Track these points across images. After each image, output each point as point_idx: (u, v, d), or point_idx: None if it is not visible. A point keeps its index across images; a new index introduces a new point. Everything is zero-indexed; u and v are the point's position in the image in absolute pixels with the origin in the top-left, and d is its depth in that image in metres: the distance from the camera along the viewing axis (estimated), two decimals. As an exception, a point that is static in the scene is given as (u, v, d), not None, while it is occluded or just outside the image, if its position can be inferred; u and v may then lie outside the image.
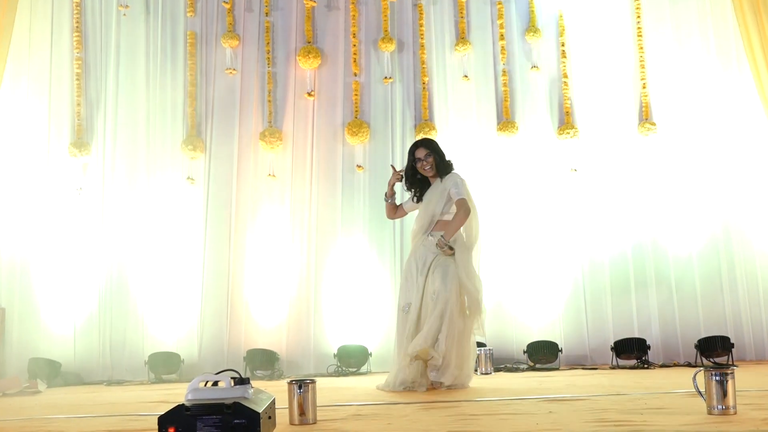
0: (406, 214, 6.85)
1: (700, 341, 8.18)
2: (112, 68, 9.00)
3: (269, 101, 9.02)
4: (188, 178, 8.84)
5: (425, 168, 6.33)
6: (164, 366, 8.25)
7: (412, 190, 6.53)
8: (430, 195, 6.35)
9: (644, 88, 9.00)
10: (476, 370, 7.71)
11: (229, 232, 8.77)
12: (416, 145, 6.46)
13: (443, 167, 6.36)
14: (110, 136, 8.89)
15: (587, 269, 8.78)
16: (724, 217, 8.78)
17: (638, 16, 9.12)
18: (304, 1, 9.11)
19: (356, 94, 9.05)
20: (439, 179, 6.36)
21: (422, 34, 9.15)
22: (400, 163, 8.86)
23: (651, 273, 8.73)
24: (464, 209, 6.17)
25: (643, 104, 8.98)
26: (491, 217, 8.59)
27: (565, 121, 8.97)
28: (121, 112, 8.95)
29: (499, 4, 9.20)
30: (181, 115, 8.98)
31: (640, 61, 9.04)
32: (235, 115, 8.98)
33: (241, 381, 3.75)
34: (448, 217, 6.27)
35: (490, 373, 7.67)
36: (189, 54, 9.02)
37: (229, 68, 9.03)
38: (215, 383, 3.77)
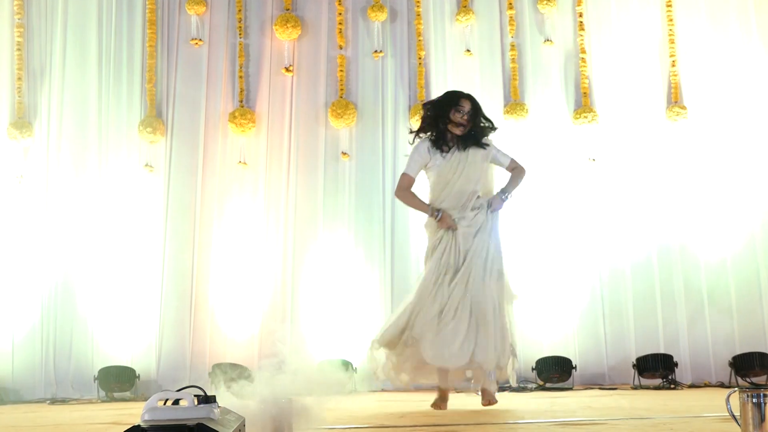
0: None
1: (735, 358, 8.22)
2: (59, 36, 8.98)
3: (240, 77, 9.01)
4: (146, 165, 8.82)
5: (462, 123, 6.20)
6: (117, 382, 8.23)
7: (432, 140, 6.30)
8: (461, 157, 6.23)
9: (673, 66, 9.02)
10: (477, 390, 7.73)
11: (193, 229, 8.77)
12: (462, 95, 6.35)
13: (480, 131, 6.30)
14: (56, 116, 8.87)
15: (606, 276, 8.79)
16: (762, 216, 8.80)
17: (667, -16, 9.16)
18: (283, -38, 9.13)
19: (341, 70, 9.05)
20: (465, 142, 6.24)
21: (418, 2, 9.16)
22: (393, 152, 8.87)
23: (679, 280, 8.74)
24: (523, 169, 6.43)
25: (672, 85, 9.00)
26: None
27: (583, 104, 8.98)
28: (68, 88, 8.94)
29: (508, -33, 9.23)
30: (139, 92, 8.97)
31: (669, 35, 9.06)
32: (200, 93, 8.98)
33: (206, 399, 3.75)
34: (482, 189, 6.31)
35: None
36: (148, 22, 9.00)
37: (195, 38, 9.01)
38: (176, 402, 3.76)
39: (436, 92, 9.01)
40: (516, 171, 6.37)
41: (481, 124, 6.29)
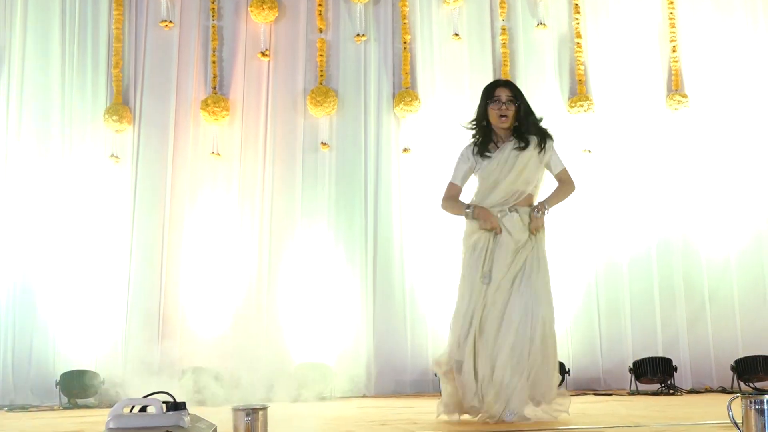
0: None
1: (737, 362, 8.24)
2: (19, 16, 8.92)
3: (213, 62, 9.00)
4: (112, 155, 8.80)
5: (503, 113, 5.81)
6: (80, 388, 8.20)
7: (477, 143, 5.96)
8: (509, 157, 5.80)
9: (674, 52, 9.05)
10: (465, 396, 7.75)
11: (162, 224, 8.74)
12: (497, 84, 6.05)
13: (528, 123, 5.89)
14: (15, 104, 8.83)
15: (602, 273, 8.82)
16: (769, 212, 8.87)
17: (668, -36, 9.19)
18: (258, -61, 9.11)
19: (321, 55, 9.05)
20: (515, 140, 5.84)
21: (403, -18, 9.18)
22: (375, 142, 8.87)
23: (679, 278, 8.79)
24: (572, 185, 6.01)
25: (673, 72, 9.04)
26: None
27: (578, 92, 9.01)
28: (29, 74, 8.89)
29: (499, -54, 9.24)
30: (104, 77, 8.94)
31: (670, 18, 9.09)
32: (171, 79, 8.96)
33: (176, 406, 3.75)
34: (532, 191, 5.87)
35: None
36: (115, 2, 8.97)
37: (165, 20, 8.99)
38: (143, 408, 3.77)
39: (421, 79, 9.04)
40: (563, 185, 5.97)
41: (529, 117, 5.87)
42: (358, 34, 9.07)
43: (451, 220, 8.58)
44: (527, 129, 5.87)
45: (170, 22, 9.00)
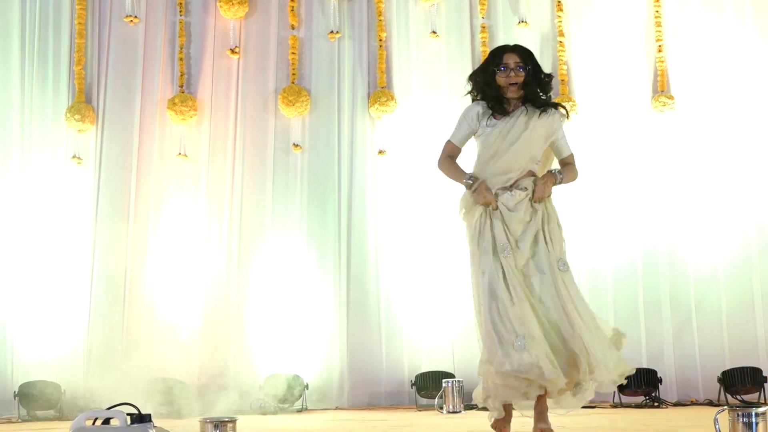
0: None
1: (724, 374, 8.31)
2: (-23, 12, 8.94)
3: (180, 60, 9.00)
4: (74, 156, 8.79)
5: (512, 81, 5.45)
6: (40, 399, 8.18)
7: (483, 108, 5.55)
8: (517, 124, 5.47)
9: (660, 52, 9.10)
10: (442, 408, 7.78)
11: (126, 229, 8.73)
12: (503, 50, 5.60)
13: (542, 88, 5.57)
14: (-28, 101, 8.83)
15: (585, 282, 8.83)
16: (759, 221, 8.92)
17: (653, -39, 9.25)
18: (228, -68, 9.12)
19: (293, 53, 9.06)
20: (526, 108, 5.49)
21: (379, -22, 9.21)
22: (349, 144, 8.90)
23: (665, 287, 8.84)
24: (577, 171, 5.63)
25: (659, 73, 9.09)
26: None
27: (560, 92, 9.04)
28: (-13, 70, 8.89)
29: (478, -60, 9.28)
30: (66, 75, 8.93)
31: (656, 17, 9.14)
32: (136, 77, 8.95)
33: (140, 418, 3.76)
34: (536, 168, 5.52)
35: (460, 411, 7.73)
36: (77, -4, 8.98)
37: (130, 16, 8.98)
38: (106, 421, 3.78)
39: (397, 79, 9.04)
40: (570, 168, 5.60)
41: (544, 79, 5.54)
42: (331, 32, 9.08)
43: (429, 224, 8.65)
44: (537, 95, 5.54)
45: (135, 17, 8.99)
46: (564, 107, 5.58)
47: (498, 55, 5.51)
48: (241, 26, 9.11)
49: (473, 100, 5.55)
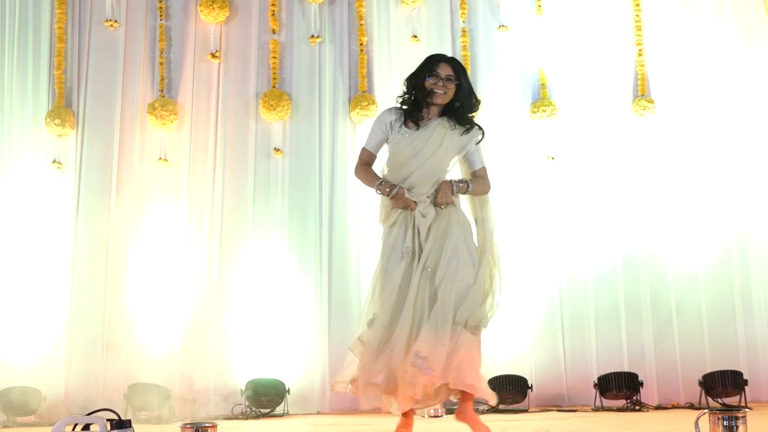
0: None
1: (705, 377, 8.35)
2: (-45, 16, 8.91)
3: (161, 64, 8.98)
4: (54, 161, 8.76)
5: (439, 90, 5.45)
6: (19, 405, 8.14)
7: (403, 110, 5.60)
8: (432, 137, 5.49)
9: (640, 56, 9.13)
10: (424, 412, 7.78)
11: (107, 234, 8.70)
12: (440, 59, 5.59)
13: (465, 106, 5.57)
14: (-49, 106, 8.80)
15: (566, 286, 8.87)
16: (739, 224, 8.97)
17: (634, -35, 9.27)
18: (209, -64, 9.11)
19: (274, 57, 9.06)
20: (446, 120, 5.52)
21: (360, -18, 9.21)
22: (330, 148, 8.90)
23: (646, 292, 8.86)
24: (488, 184, 5.61)
25: (639, 76, 9.12)
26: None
27: (541, 96, 9.07)
28: (-34, 75, 8.86)
29: (459, -55, 9.28)
30: (46, 79, 8.90)
31: (636, 22, 9.18)
32: (116, 82, 8.93)
33: (120, 424, 3.75)
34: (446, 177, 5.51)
35: (441, 415, 7.73)
36: (57, 0, 8.93)
37: (110, 20, 8.96)
38: (86, 427, 3.76)
39: (378, 83, 9.05)
40: (479, 180, 5.59)
41: (471, 99, 5.57)
42: (312, 36, 9.08)
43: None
44: (461, 113, 5.56)
45: (115, 21, 8.97)
46: (481, 128, 5.61)
47: (433, 62, 5.54)
48: (221, 30, 9.10)
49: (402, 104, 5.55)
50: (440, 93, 5.43)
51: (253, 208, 8.86)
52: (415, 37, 9.11)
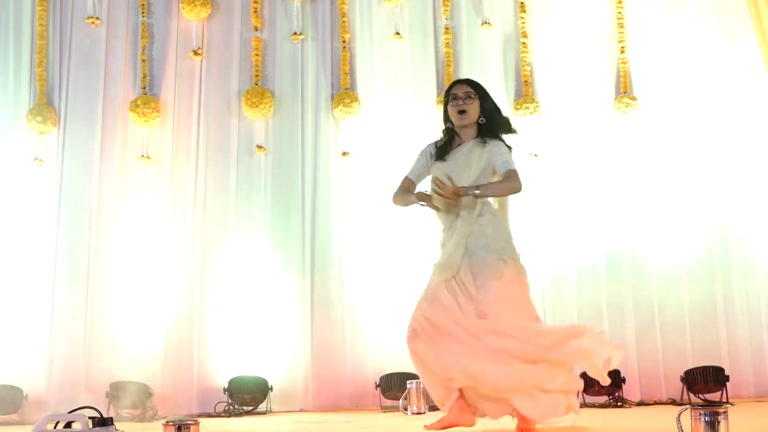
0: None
1: (687, 373, 8.39)
2: (-65, 13, 8.87)
3: (143, 61, 8.96)
4: (36, 158, 8.73)
5: (461, 108, 5.68)
6: (1, 403, 8.12)
7: (438, 145, 5.85)
8: (461, 159, 5.70)
9: (623, 53, 9.15)
10: (406, 409, 7.78)
11: (89, 231, 8.68)
12: (455, 82, 5.94)
13: (492, 123, 5.77)
14: (-69, 104, 8.76)
15: (548, 283, 8.88)
16: (721, 221, 8.97)
17: (616, -37, 9.28)
18: (191, -67, 9.08)
19: (257, 54, 9.05)
20: (478, 139, 5.73)
21: (342, -21, 9.20)
22: (313, 146, 8.89)
23: (628, 289, 8.88)
24: (517, 182, 5.62)
25: (621, 73, 9.13)
26: (425, 214, 8.62)
27: (524, 93, 9.08)
28: (-55, 73, 8.83)
29: (441, -59, 9.28)
30: (27, 76, 8.87)
31: (619, 19, 9.19)
32: (98, 79, 8.89)
33: (102, 422, 3.74)
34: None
35: (424, 412, 7.73)
36: (38, -3, 8.92)
37: (91, 17, 8.93)
38: (68, 424, 3.76)
39: (361, 80, 9.06)
40: (499, 183, 5.67)
41: (495, 114, 5.79)
42: (295, 33, 9.07)
43: (393, 227, 8.64)
44: (486, 129, 5.74)
45: (97, 18, 8.94)
46: (503, 140, 5.82)
47: (451, 87, 5.85)
48: (203, 27, 9.08)
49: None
50: (464, 113, 5.66)
51: (236, 206, 8.84)
52: (397, 34, 9.11)
